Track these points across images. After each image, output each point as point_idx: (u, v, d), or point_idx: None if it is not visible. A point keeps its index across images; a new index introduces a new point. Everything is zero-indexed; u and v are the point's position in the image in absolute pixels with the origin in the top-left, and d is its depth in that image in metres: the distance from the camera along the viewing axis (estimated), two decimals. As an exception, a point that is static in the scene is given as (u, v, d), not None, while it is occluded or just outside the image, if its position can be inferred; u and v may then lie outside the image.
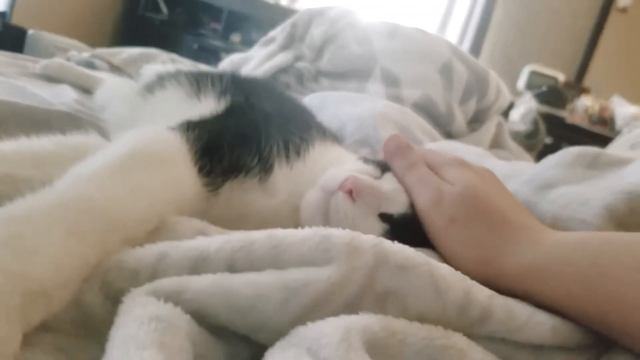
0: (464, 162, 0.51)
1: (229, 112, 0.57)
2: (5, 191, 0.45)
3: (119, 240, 0.34)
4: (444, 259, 0.44)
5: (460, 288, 0.33)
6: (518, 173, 0.57)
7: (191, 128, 0.48)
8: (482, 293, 0.34)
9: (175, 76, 0.75)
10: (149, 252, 0.32)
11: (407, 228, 0.46)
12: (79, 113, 0.77)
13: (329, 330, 0.25)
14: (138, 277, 0.31)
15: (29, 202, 0.31)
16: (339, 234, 0.31)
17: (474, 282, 0.35)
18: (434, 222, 0.46)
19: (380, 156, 0.57)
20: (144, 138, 0.43)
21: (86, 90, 1.02)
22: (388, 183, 0.49)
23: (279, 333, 0.28)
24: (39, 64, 1.08)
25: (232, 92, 0.63)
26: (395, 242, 0.33)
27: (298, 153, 0.53)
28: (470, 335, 0.34)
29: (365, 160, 0.53)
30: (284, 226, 0.49)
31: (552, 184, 0.54)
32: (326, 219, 0.45)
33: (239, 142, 0.50)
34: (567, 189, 0.52)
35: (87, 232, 0.32)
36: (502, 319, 0.35)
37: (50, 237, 0.29)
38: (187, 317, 0.28)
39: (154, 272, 0.31)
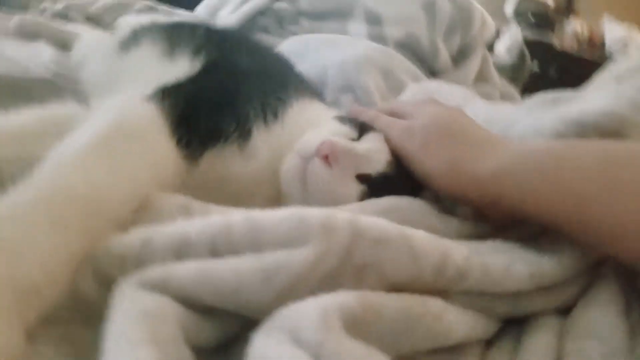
0: (433, 100, 0.57)
1: (203, 75, 0.56)
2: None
3: (105, 224, 0.35)
4: (423, 181, 0.49)
5: (436, 251, 0.34)
6: (496, 122, 0.58)
7: (166, 96, 0.48)
8: (459, 254, 0.36)
9: (150, 31, 0.73)
10: (134, 238, 0.33)
11: (385, 186, 0.48)
12: (56, 77, 0.76)
13: (308, 312, 0.27)
14: (125, 263, 0.32)
15: (11, 199, 0.32)
16: (314, 215, 0.32)
17: (451, 244, 0.37)
18: (407, 151, 0.50)
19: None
20: (120, 113, 0.42)
21: (63, 45, 0.99)
22: (365, 143, 0.50)
23: (264, 310, 0.30)
24: (12, 21, 1.04)
25: (207, 49, 0.62)
26: (371, 217, 0.34)
27: (276, 115, 0.53)
28: (448, 293, 0.36)
29: (342, 120, 0.54)
30: (265, 190, 0.50)
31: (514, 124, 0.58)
32: (305, 185, 0.46)
33: (215, 109, 0.50)
34: (525, 122, 0.56)
35: (71, 222, 0.32)
36: (478, 276, 0.37)
37: (34, 235, 0.30)
38: (175, 304, 0.29)
39: (140, 259, 0.32)
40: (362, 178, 0.48)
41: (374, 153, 0.49)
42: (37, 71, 0.75)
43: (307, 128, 0.53)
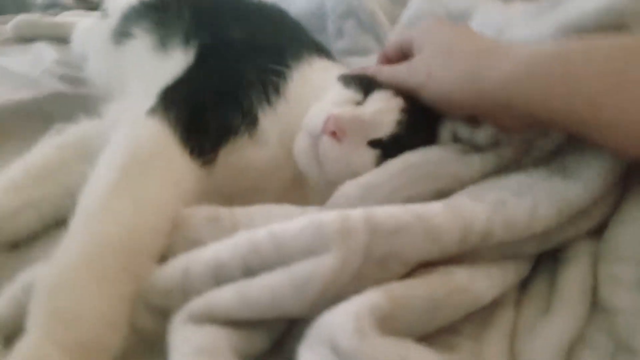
0: (436, 22, 0.54)
1: (198, 69, 0.56)
2: (31, 220, 0.49)
3: (146, 259, 0.38)
4: (442, 109, 0.49)
5: (455, 227, 0.35)
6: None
7: (170, 106, 0.48)
8: (479, 220, 0.37)
9: (139, 16, 0.72)
10: (174, 270, 0.36)
11: (400, 145, 0.48)
12: (62, 83, 0.77)
13: (341, 321, 0.29)
14: (172, 294, 0.35)
15: (55, 268, 0.35)
16: (330, 220, 0.33)
17: (471, 209, 0.37)
18: (417, 87, 0.49)
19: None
20: (131, 144, 0.44)
21: (62, 39, 1.00)
22: (372, 105, 0.49)
23: (303, 315, 0.33)
24: (9, 25, 1.05)
25: (196, 35, 0.61)
26: (386, 207, 0.35)
27: (278, 91, 0.52)
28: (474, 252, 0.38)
29: (346, 81, 0.52)
30: (284, 171, 0.51)
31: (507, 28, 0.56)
32: (319, 162, 0.47)
33: (218, 105, 0.50)
34: (522, 32, 0.53)
35: (115, 272, 0.35)
36: (502, 233, 0.38)
37: (87, 297, 0.34)
38: (224, 330, 0.32)
39: (184, 288, 0.35)
40: (374, 143, 0.48)
41: (381, 115, 0.48)
42: (43, 83, 0.77)
43: (312, 98, 0.52)
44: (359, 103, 0.50)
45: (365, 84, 0.52)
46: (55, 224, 0.51)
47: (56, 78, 0.80)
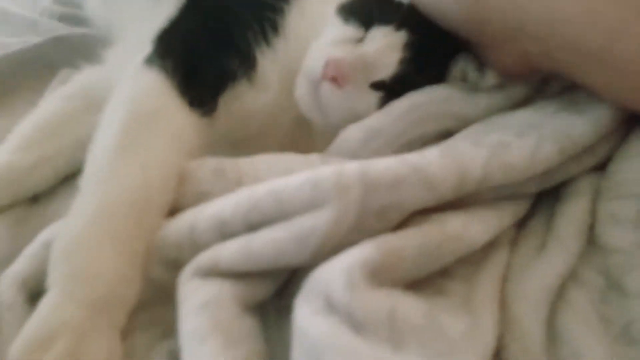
0: None
1: (192, 4, 0.54)
2: (48, 175, 0.51)
3: (156, 214, 0.40)
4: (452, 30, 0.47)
5: (452, 174, 0.36)
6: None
7: (165, 52, 0.48)
8: (475, 166, 0.37)
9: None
10: (182, 224, 0.38)
11: (403, 85, 0.47)
12: (62, 25, 0.76)
13: (335, 275, 0.30)
14: (182, 247, 0.37)
15: (71, 229, 0.37)
16: (326, 176, 0.34)
17: (468, 154, 0.37)
18: (460, 7, 0.46)
19: None
20: (130, 98, 0.45)
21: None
22: (373, 43, 0.47)
23: (305, 265, 0.35)
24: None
25: None
26: (382, 160, 0.35)
27: (276, 29, 0.51)
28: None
29: (345, 15, 0.50)
30: (286, 116, 0.51)
31: None
32: (322, 107, 0.47)
33: (215, 49, 0.49)
34: None
35: (127, 229, 0.37)
36: (500, 176, 0.38)
37: (101, 256, 0.36)
38: (229, 282, 0.34)
39: (192, 242, 0.37)
40: (376, 85, 0.47)
41: (383, 54, 0.47)
42: (42, 24, 0.76)
43: (312, 34, 0.51)
44: (359, 40, 0.48)
45: (366, 16, 0.49)
46: (72, 176, 0.54)
47: (55, 18, 0.79)
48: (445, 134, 0.47)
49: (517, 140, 0.40)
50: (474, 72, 0.48)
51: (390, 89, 0.47)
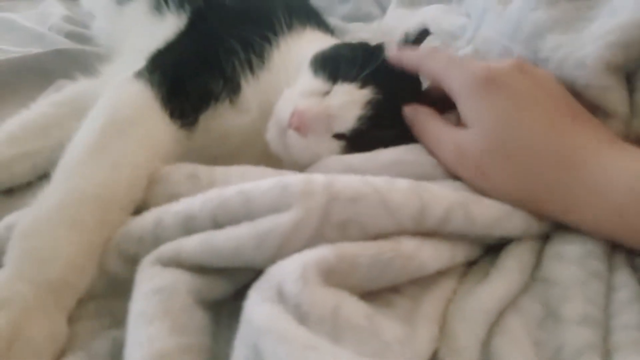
0: (507, 68, 0.44)
1: (189, 32, 0.58)
2: (25, 170, 0.53)
3: (118, 212, 0.41)
4: None
5: (413, 204, 0.38)
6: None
7: (155, 68, 0.51)
8: (440, 204, 0.38)
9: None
10: (147, 219, 0.39)
11: (362, 138, 0.50)
12: (68, 40, 0.80)
13: (290, 268, 0.32)
14: (144, 242, 0.39)
15: (34, 213, 0.38)
16: (295, 182, 0.36)
17: (437, 194, 0.39)
18: (462, 176, 0.45)
19: None
20: (113, 105, 0.47)
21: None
22: (337, 97, 0.50)
23: (265, 266, 0.36)
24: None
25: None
26: (347, 177, 0.38)
27: (262, 59, 0.55)
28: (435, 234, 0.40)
29: (316, 70, 0.53)
30: (262, 139, 0.53)
31: (540, 32, 0.52)
32: (289, 151, 0.50)
33: (201, 70, 0.53)
34: (558, 40, 0.50)
35: (87, 221, 0.39)
36: (461, 223, 0.39)
37: (58, 240, 0.37)
38: (187, 274, 0.35)
39: (155, 236, 0.38)
40: (338, 136, 0.50)
41: (343, 110, 0.49)
42: (48, 38, 0.80)
43: (295, 70, 0.54)
44: (326, 93, 0.51)
45: (333, 71, 0.52)
46: (48, 175, 0.55)
47: (62, 34, 0.83)
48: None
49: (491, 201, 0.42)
50: None
51: (350, 141, 0.50)
